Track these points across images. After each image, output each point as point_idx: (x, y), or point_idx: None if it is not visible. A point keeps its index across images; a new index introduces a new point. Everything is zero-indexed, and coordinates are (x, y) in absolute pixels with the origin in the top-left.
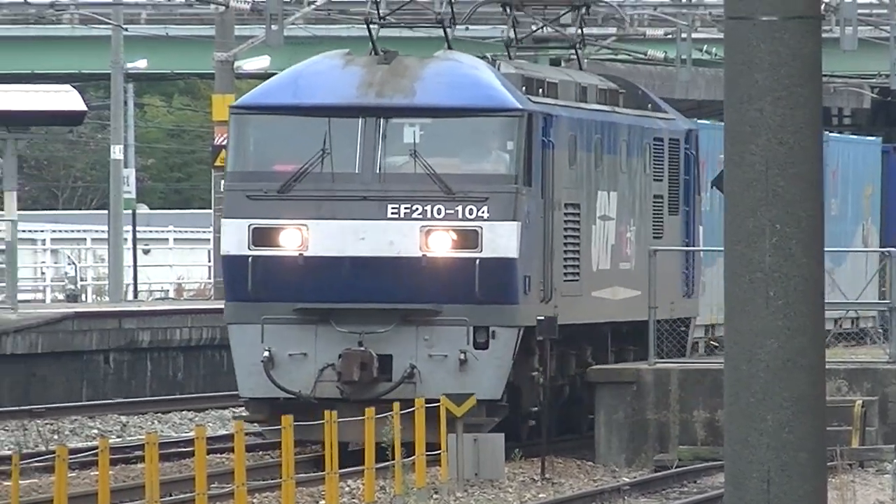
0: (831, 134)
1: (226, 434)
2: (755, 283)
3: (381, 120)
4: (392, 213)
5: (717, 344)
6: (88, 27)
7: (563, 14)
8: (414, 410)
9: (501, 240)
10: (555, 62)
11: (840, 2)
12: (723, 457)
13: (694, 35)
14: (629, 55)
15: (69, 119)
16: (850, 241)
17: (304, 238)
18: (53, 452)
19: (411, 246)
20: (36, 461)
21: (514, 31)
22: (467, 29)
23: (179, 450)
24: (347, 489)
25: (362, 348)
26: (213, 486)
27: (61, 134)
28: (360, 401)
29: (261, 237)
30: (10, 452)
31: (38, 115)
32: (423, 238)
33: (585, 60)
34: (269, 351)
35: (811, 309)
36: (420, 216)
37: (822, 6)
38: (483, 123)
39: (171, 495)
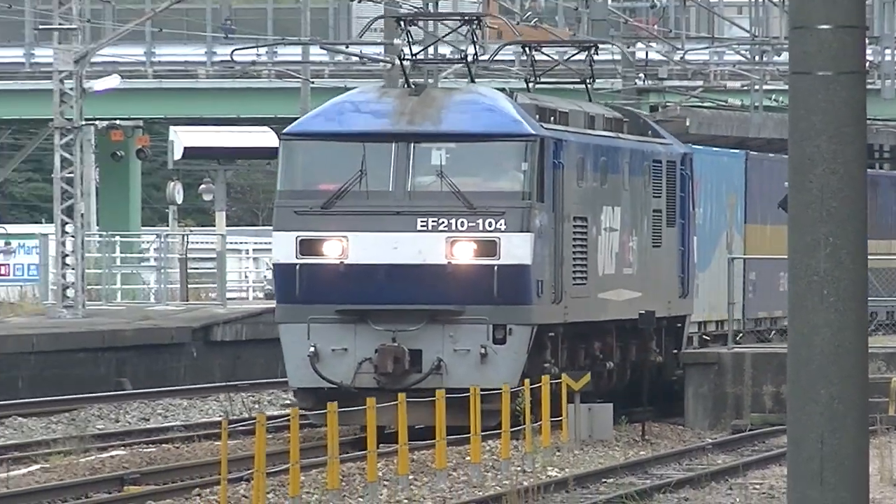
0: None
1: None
2: (812, 285)
3: (412, 144)
4: (421, 226)
5: (707, 338)
6: (282, 80)
7: (575, 54)
8: (438, 399)
9: (517, 249)
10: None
11: (881, 60)
12: (786, 422)
13: (765, 87)
14: (713, 103)
15: (267, 153)
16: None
17: (344, 248)
18: (254, 419)
19: (438, 254)
20: (240, 426)
21: (533, 67)
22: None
23: None
24: (487, 448)
25: (395, 344)
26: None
27: (260, 165)
28: (393, 390)
29: (307, 247)
30: (220, 419)
31: (242, 151)
32: (448, 247)
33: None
34: (315, 347)
35: (857, 305)
36: (445, 228)
37: (867, 64)
38: (500, 147)
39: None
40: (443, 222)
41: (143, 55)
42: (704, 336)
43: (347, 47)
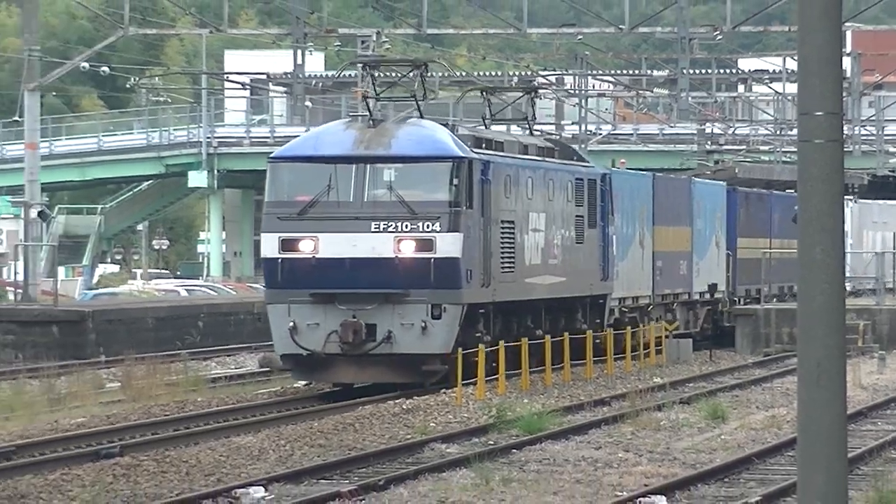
0: (697, 179)
1: None
2: (813, 269)
3: (368, 165)
4: (374, 228)
5: (625, 310)
6: None
7: (520, 98)
8: (392, 362)
9: (448, 245)
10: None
11: (852, 133)
12: (796, 351)
13: (783, 149)
14: (752, 159)
15: None
16: (709, 244)
17: (315, 245)
18: None
19: (387, 250)
20: None
21: (489, 109)
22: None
23: None
24: (575, 372)
25: (355, 319)
26: None
27: None
28: (354, 355)
29: (287, 245)
30: None
31: None
32: (396, 245)
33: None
34: (294, 322)
35: (837, 281)
36: (393, 230)
37: (843, 135)
38: (435, 166)
39: None
40: (391, 225)
41: None
42: (623, 309)
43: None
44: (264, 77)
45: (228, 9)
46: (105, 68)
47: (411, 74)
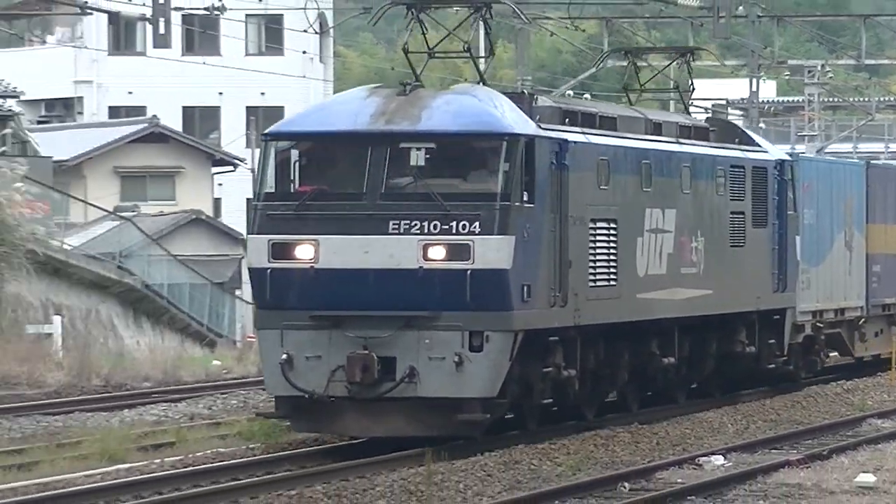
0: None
1: None
2: None
3: (388, 145)
4: (393, 229)
5: (821, 325)
6: None
7: (672, 63)
8: (416, 409)
9: (492, 252)
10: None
11: None
12: None
13: None
14: None
15: None
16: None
17: (316, 252)
18: None
19: (410, 258)
20: None
21: (637, 76)
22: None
23: None
24: None
25: (366, 352)
26: None
27: None
28: (365, 399)
29: (279, 251)
30: None
31: None
32: (421, 251)
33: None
34: (287, 354)
35: None
36: (417, 231)
37: None
38: (478, 146)
39: None
40: (415, 225)
41: None
42: (818, 324)
43: None
44: (723, 102)
45: (694, 43)
46: (587, 95)
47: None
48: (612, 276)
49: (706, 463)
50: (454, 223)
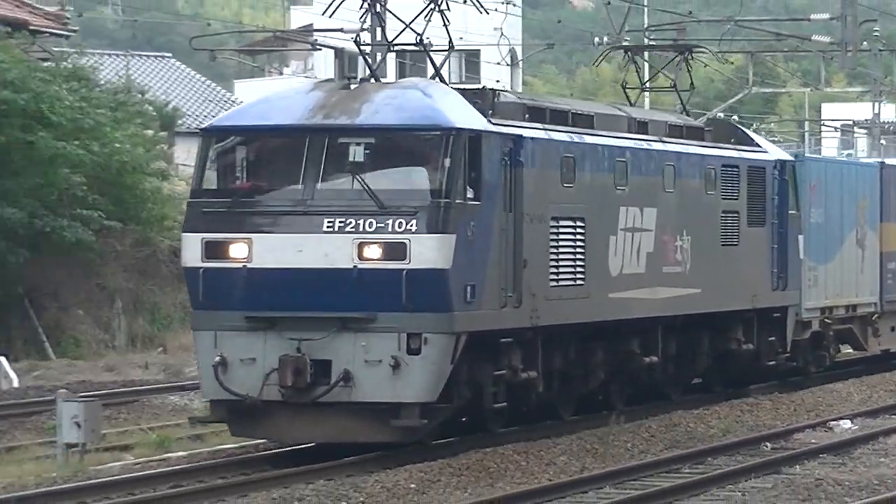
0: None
1: None
2: None
3: (326, 139)
4: (327, 227)
5: (829, 321)
6: None
7: (671, 60)
8: (352, 413)
9: (429, 252)
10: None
11: None
12: None
13: None
14: None
15: None
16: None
17: (249, 251)
18: None
19: (344, 258)
20: None
21: (638, 73)
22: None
23: None
24: None
25: (299, 354)
26: None
27: None
28: (298, 403)
29: (212, 250)
30: None
31: None
32: (356, 250)
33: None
34: (221, 356)
35: None
36: (353, 230)
37: None
38: (417, 141)
39: None
40: (350, 223)
41: None
42: (827, 320)
43: None
44: (850, 122)
45: (825, 73)
46: (735, 117)
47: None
48: (578, 276)
49: (836, 426)
50: (390, 221)
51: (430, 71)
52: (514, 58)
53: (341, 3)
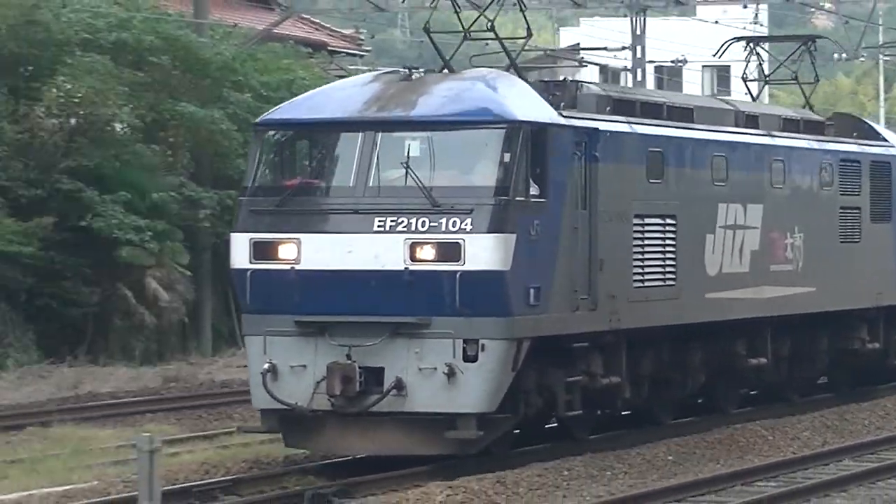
0: None
1: None
2: None
3: (378, 133)
4: (378, 226)
5: None
6: None
7: (795, 52)
8: (405, 424)
9: (485, 252)
10: None
11: None
12: None
13: None
14: None
15: None
16: None
17: (298, 252)
18: None
19: (395, 259)
20: None
21: (761, 65)
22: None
23: None
24: None
25: (349, 361)
26: None
27: None
28: (348, 413)
29: (260, 251)
30: None
31: None
32: (407, 251)
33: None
34: (270, 363)
35: None
36: (404, 229)
37: None
38: (474, 135)
39: None
40: (402, 222)
41: None
42: None
43: None
44: None
45: None
46: None
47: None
48: (668, 276)
49: None
50: (444, 220)
51: (686, 87)
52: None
53: None
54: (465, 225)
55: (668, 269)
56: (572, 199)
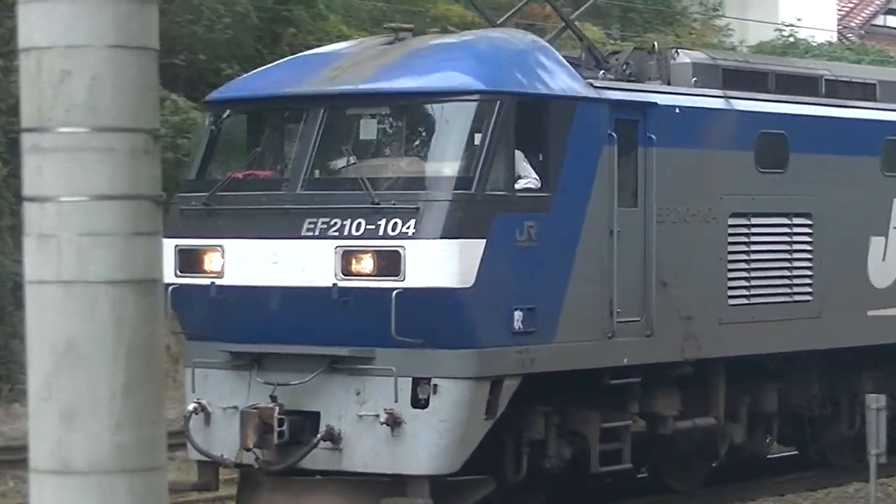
0: None
1: None
2: None
3: (323, 111)
4: (307, 230)
5: None
6: None
7: None
8: (340, 488)
9: (433, 264)
10: None
11: None
12: None
13: None
14: None
15: None
16: None
17: (222, 262)
18: None
19: (324, 271)
20: None
21: None
22: None
23: None
24: None
25: (272, 405)
26: None
27: None
28: (269, 472)
29: (185, 261)
30: None
31: None
32: (340, 262)
33: None
34: (199, 402)
35: None
36: (336, 234)
37: None
38: (437, 110)
39: None
40: (334, 224)
41: None
42: None
43: None
44: None
45: None
46: None
47: None
48: (796, 290)
49: None
50: (383, 221)
51: None
52: None
53: None
54: (407, 228)
55: (796, 281)
56: (604, 194)
